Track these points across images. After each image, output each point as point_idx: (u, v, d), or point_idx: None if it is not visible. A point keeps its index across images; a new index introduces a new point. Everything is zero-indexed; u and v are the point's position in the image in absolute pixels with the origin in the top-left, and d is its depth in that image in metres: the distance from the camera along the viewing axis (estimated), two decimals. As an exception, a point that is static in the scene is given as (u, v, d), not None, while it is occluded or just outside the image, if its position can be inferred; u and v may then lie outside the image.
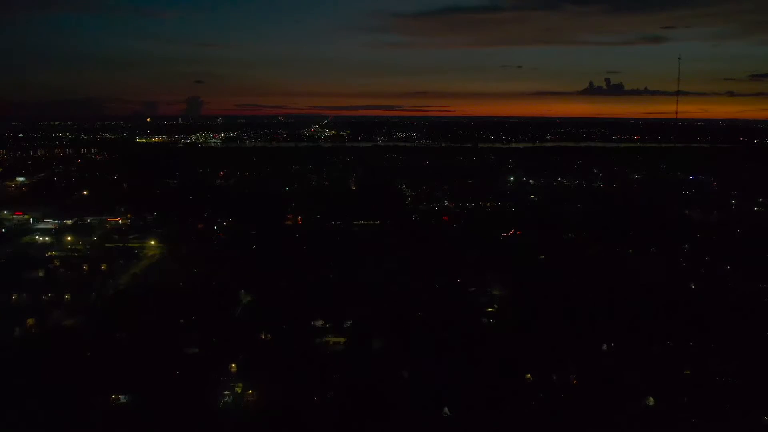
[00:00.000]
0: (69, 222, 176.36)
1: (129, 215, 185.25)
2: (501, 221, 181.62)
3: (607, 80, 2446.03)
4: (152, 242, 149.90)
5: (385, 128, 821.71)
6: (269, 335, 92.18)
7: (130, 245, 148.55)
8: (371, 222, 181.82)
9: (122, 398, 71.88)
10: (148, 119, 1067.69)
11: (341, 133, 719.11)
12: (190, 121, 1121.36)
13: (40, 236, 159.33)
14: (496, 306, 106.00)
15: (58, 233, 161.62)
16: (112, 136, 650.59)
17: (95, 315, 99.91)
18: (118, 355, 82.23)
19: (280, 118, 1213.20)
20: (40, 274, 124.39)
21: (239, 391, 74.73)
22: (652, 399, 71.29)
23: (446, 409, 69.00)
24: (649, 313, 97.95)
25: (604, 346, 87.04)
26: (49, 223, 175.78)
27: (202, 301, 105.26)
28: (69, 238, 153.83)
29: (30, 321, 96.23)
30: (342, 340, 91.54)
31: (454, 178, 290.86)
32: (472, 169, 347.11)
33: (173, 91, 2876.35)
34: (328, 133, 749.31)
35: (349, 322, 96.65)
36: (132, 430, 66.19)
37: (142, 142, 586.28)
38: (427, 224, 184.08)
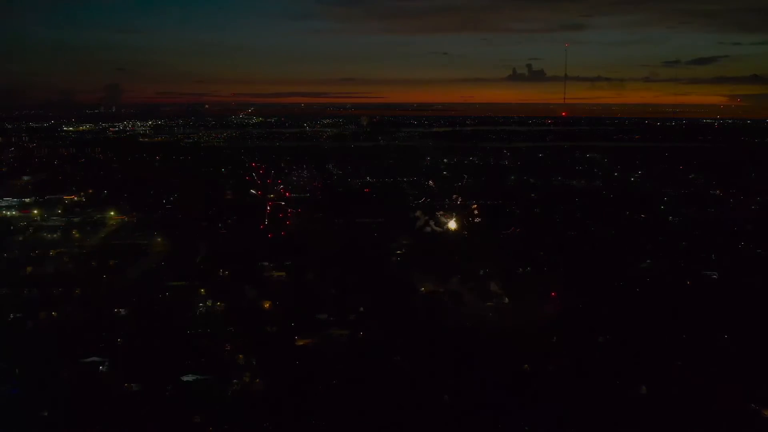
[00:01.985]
0: (28, 200, 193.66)
1: (83, 193, 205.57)
2: (415, 192, 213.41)
3: (529, 66, 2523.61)
4: (112, 213, 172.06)
5: (311, 115, 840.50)
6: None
7: (94, 214, 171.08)
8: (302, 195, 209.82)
9: (122, 311, 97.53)
10: (69, 107, 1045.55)
11: (269, 120, 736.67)
12: (113, 109, 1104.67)
13: (6, 212, 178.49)
14: (403, 250, 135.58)
15: (21, 209, 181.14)
16: (37, 125, 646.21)
17: (81, 263, 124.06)
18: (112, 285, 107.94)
19: (206, 106, 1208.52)
20: (20, 238, 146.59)
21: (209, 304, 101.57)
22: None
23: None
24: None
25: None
26: (9, 201, 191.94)
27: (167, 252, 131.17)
28: (36, 212, 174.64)
29: (28, 269, 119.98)
30: (283, 274, 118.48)
31: (378, 158, 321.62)
32: (395, 150, 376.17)
33: (91, 79, 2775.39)
34: (255, 120, 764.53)
35: (287, 263, 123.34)
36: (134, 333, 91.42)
37: (71, 131, 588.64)
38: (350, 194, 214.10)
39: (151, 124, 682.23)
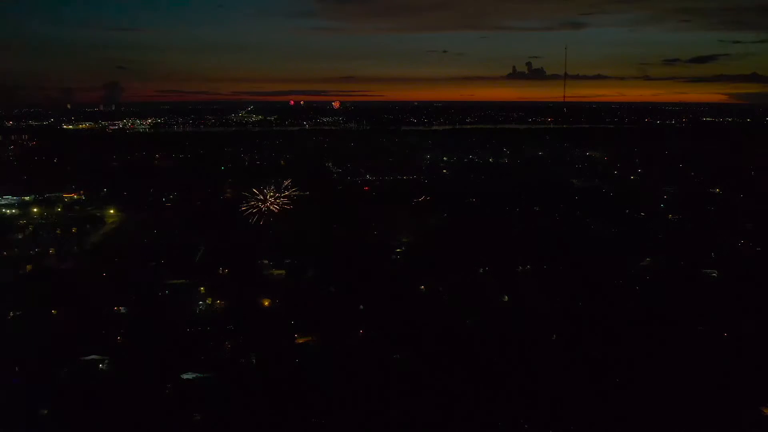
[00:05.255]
0: (28, 198, 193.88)
1: (82, 191, 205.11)
2: (414, 190, 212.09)
3: (529, 65, 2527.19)
4: (111, 211, 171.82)
5: (311, 113, 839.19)
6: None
7: (93, 212, 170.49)
8: (302, 193, 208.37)
9: (122, 309, 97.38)
10: (68, 105, 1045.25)
11: (269, 118, 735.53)
12: (112, 107, 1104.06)
13: (6, 210, 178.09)
14: (402, 248, 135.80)
15: (21, 207, 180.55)
16: (36, 123, 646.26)
17: (81, 261, 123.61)
18: (112, 283, 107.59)
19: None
20: (20, 236, 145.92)
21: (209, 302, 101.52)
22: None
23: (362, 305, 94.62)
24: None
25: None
26: (9, 199, 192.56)
27: (167, 250, 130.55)
28: (35, 210, 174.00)
29: (28, 267, 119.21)
30: (282, 272, 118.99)
31: (377, 156, 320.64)
32: (394, 149, 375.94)
33: (91, 78, 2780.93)
34: (255, 117, 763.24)
35: (287, 260, 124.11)
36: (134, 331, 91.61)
37: (71, 129, 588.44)
38: (349, 192, 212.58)
39: (151, 122, 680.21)
